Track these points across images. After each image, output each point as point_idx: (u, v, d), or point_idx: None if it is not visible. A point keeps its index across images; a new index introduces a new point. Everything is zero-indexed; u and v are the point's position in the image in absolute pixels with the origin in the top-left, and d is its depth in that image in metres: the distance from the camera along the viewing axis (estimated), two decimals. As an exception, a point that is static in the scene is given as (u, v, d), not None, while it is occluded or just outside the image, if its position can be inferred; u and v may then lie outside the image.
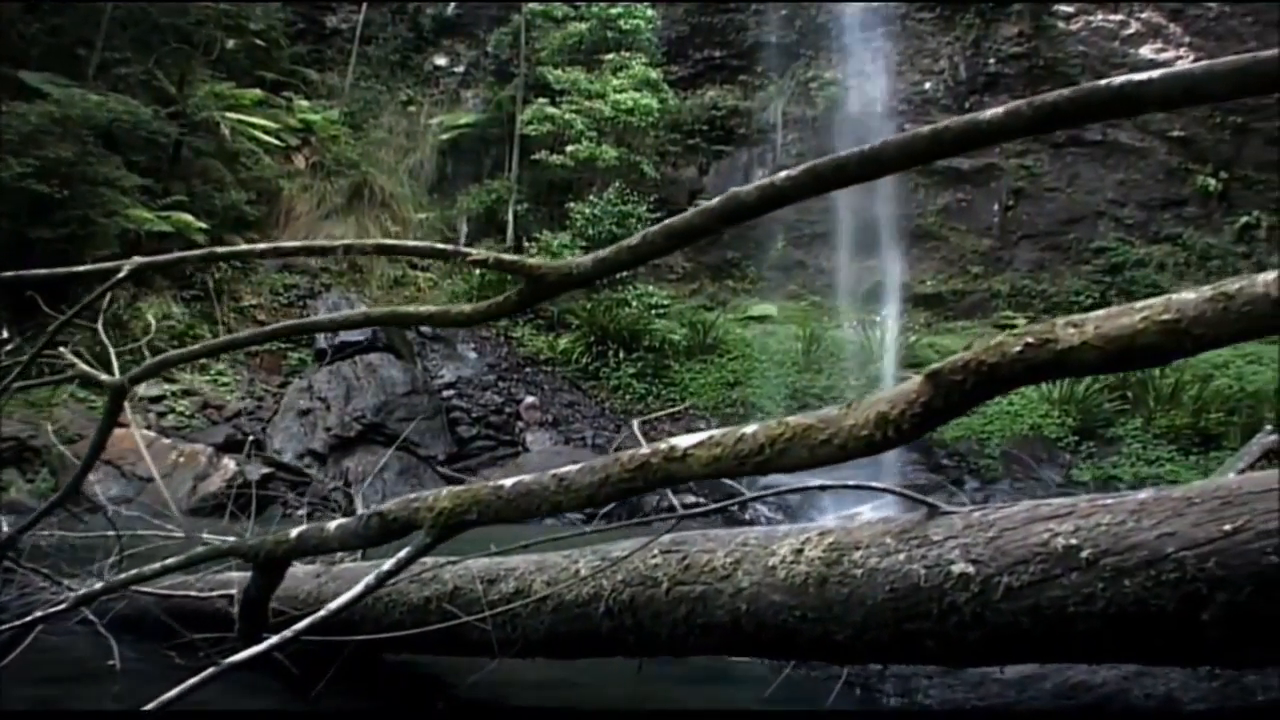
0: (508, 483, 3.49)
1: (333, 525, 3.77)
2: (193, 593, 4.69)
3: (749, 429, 3.09)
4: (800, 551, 3.32)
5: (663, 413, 18.96)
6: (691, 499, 18.72)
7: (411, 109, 27.04)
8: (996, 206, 25.77)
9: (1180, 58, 25.58)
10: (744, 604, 3.35)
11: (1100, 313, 2.60)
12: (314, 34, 27.72)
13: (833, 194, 3.38)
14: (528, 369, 21.59)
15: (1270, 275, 2.36)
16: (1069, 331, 2.58)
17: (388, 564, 3.42)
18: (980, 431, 20.23)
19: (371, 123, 26.30)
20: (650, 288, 22.67)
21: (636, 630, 3.63)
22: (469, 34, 27.93)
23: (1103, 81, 2.70)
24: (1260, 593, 2.50)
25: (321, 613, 3.25)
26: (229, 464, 17.15)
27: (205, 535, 5.77)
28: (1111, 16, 26.26)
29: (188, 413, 18.57)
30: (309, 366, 20.08)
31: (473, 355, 21.38)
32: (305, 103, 25.29)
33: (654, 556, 3.64)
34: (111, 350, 4.57)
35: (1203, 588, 2.56)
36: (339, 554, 4.69)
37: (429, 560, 4.20)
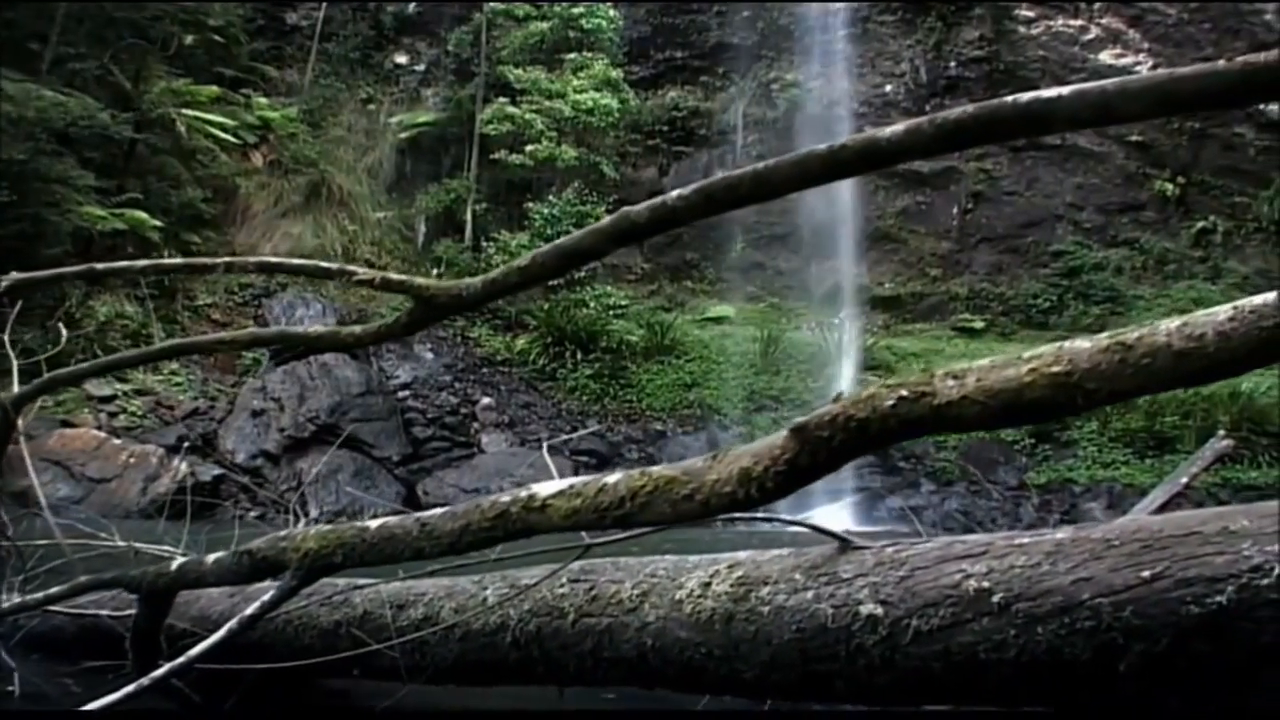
0: (373, 524, 3.39)
1: (210, 560, 3.68)
2: (105, 612, 4.58)
3: (612, 478, 2.95)
4: (708, 585, 3.23)
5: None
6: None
7: (371, 107, 26.89)
8: (955, 209, 25.86)
9: (1139, 63, 25.75)
10: (650, 639, 3.24)
11: (984, 362, 2.41)
12: (274, 30, 27.51)
13: (793, 195, 3.22)
14: (484, 369, 21.51)
15: (1173, 323, 2.24)
16: (948, 384, 2.40)
17: (250, 608, 3.36)
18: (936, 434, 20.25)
19: (330, 120, 26.13)
20: (608, 288, 22.65)
21: (544, 661, 3.52)
22: (430, 32, 27.79)
23: (1009, 98, 2.56)
24: (1179, 644, 2.40)
25: (205, 643, 3.19)
26: (180, 465, 17.00)
27: (139, 545, 5.63)
28: (1071, 22, 26.39)
29: (139, 412, 18.40)
30: (263, 366, 19.92)
31: (429, 355, 21.27)
32: (264, 100, 25.09)
33: (561, 586, 3.56)
34: (15, 364, 4.48)
35: (1119, 637, 2.46)
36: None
37: (341, 582, 4.14)
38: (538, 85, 23.55)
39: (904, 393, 2.44)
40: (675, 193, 2.93)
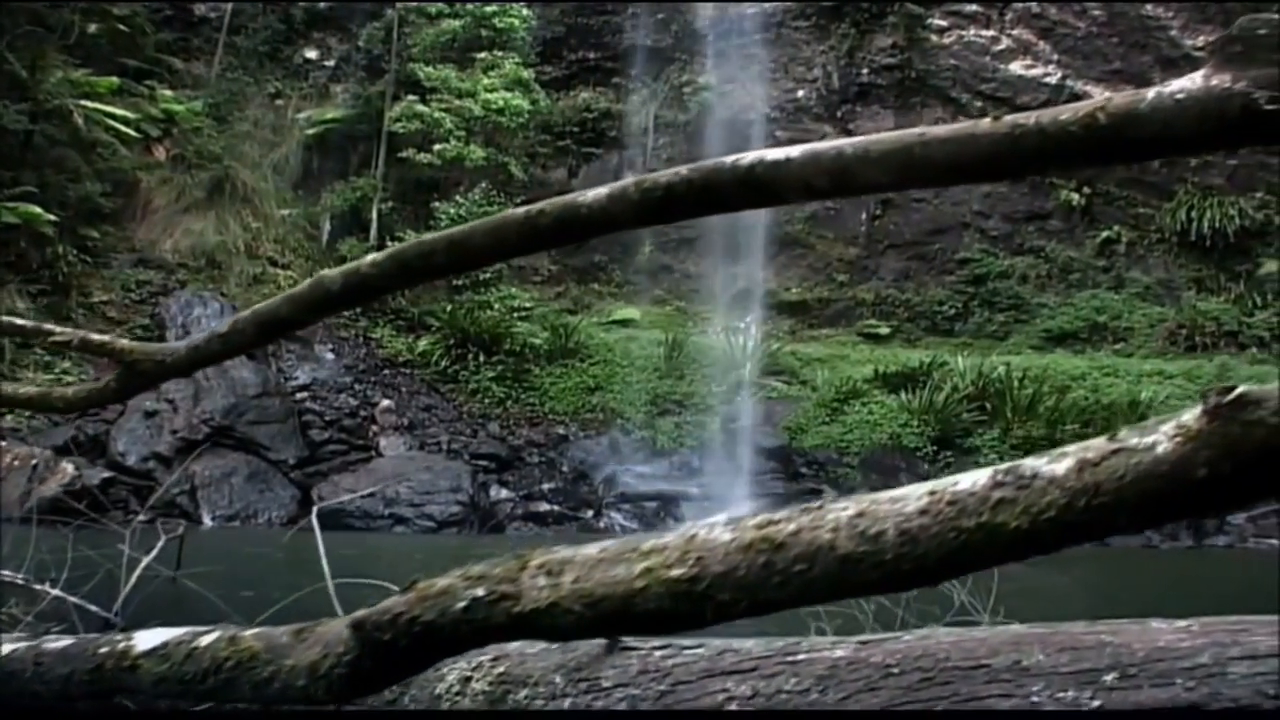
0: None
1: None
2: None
3: (206, 639, 2.53)
4: (468, 681, 3.05)
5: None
6: (546, 507, 18.71)
7: (279, 102, 26.50)
8: (864, 215, 26.02)
9: (1048, 74, 26.07)
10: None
11: (591, 551, 1.96)
12: (181, 21, 27.02)
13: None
14: (386, 371, 21.30)
15: (846, 511, 1.74)
16: (538, 585, 1.96)
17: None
18: (839, 441, 20.38)
19: (237, 115, 25.71)
20: (514, 290, 22.53)
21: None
22: (341, 27, 27.46)
23: (728, 159, 2.34)
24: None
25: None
26: (67, 468, 16.62)
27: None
28: (984, 32, 26.65)
29: (26, 412, 17.98)
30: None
31: (330, 356, 21.02)
32: (169, 92, 24.62)
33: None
34: None
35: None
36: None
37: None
38: (448, 84, 23.37)
39: (480, 592, 2.01)
40: (369, 258, 2.81)
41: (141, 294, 21.42)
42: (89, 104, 21.78)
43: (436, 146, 22.73)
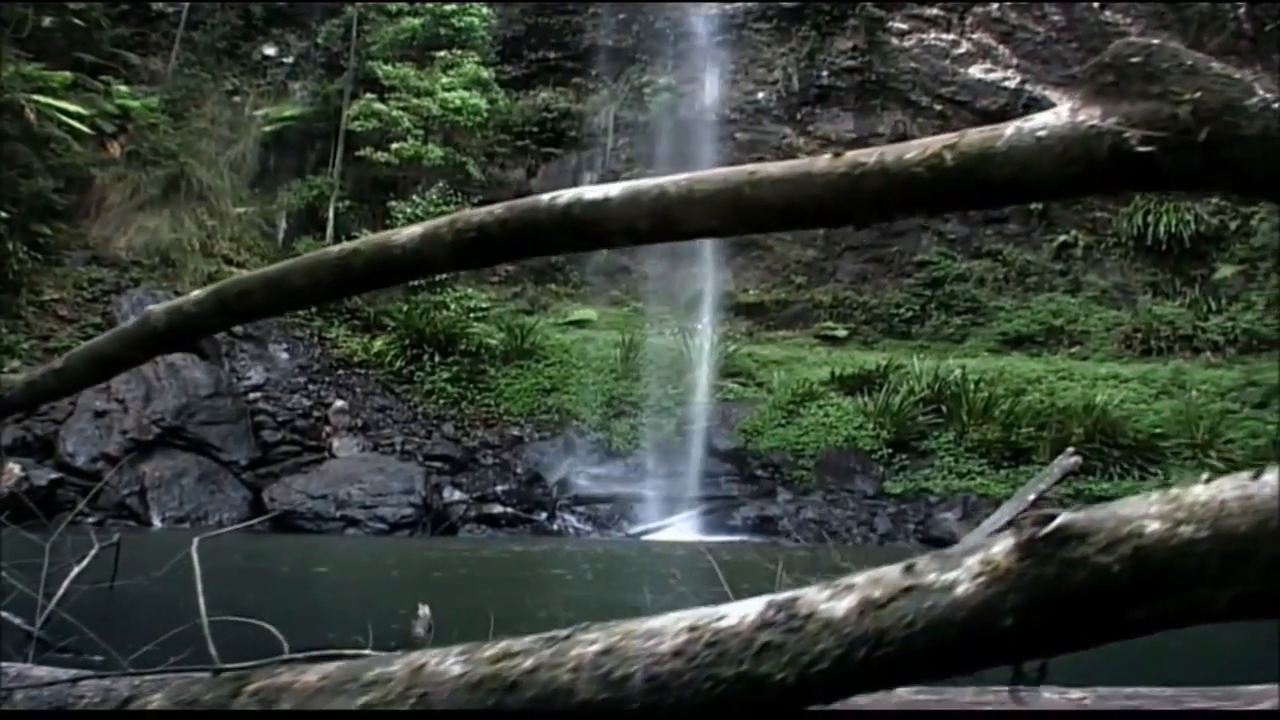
0: None
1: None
2: None
3: None
4: None
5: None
6: (499, 509, 18.63)
7: (237, 99, 26.30)
8: (823, 218, 26.00)
9: (1008, 79, 26.16)
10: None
11: (310, 680, 1.73)
12: (138, 16, 26.75)
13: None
14: (340, 371, 21.18)
15: (555, 652, 1.53)
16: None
17: None
18: (795, 443, 20.38)
19: (194, 111, 25.48)
20: (470, 290, 22.44)
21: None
22: (300, 24, 27.26)
23: (545, 197, 2.22)
24: None
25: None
26: (14, 468, 16.45)
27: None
28: (944, 35, 26.72)
29: (-28, 413, 17.75)
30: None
31: (284, 356, 20.87)
32: (124, 88, 24.35)
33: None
34: None
35: None
36: None
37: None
38: (406, 82, 23.29)
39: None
40: (193, 295, 2.76)
41: (94, 292, 21.20)
42: (42, 99, 21.52)
43: (394, 145, 22.66)
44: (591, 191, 2.15)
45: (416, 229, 2.34)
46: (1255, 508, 1.23)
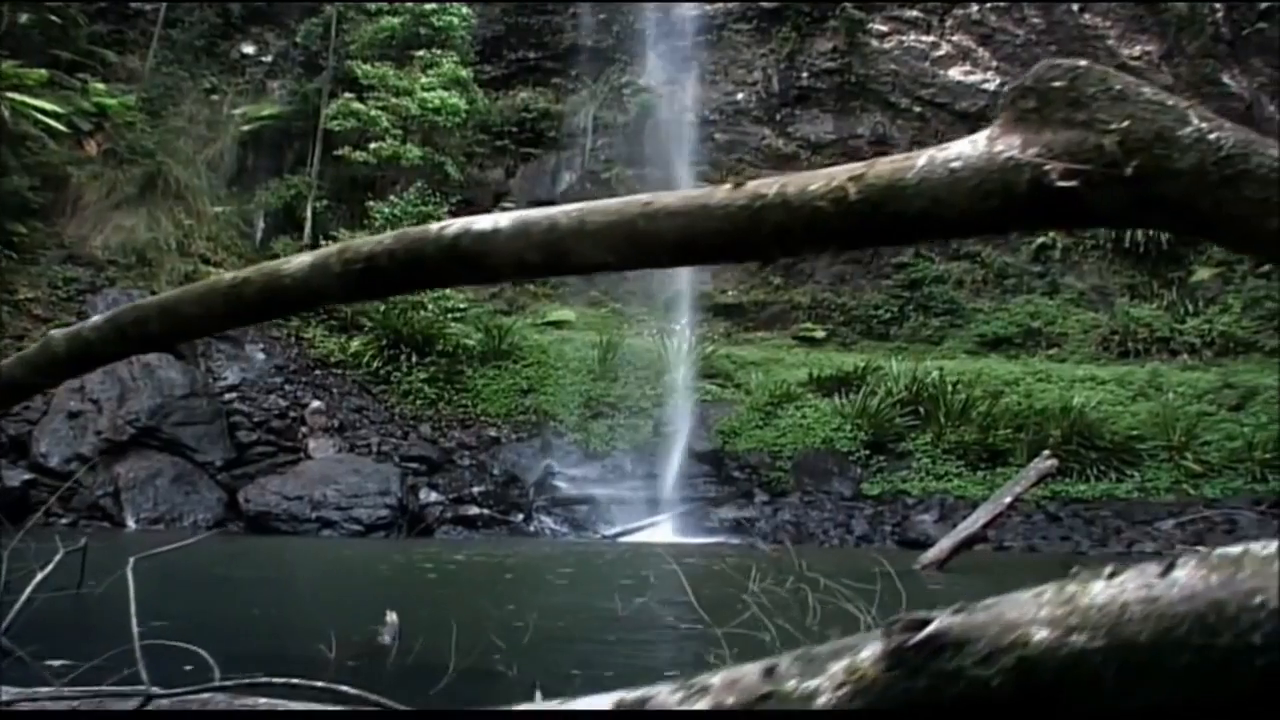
0: None
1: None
2: None
3: None
4: None
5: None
6: (475, 510, 18.58)
7: (214, 97, 26.19)
8: (802, 219, 26.00)
9: (987, 81, 26.21)
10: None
11: None
12: (116, 13, 26.64)
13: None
14: (317, 371, 21.09)
15: None
16: None
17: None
18: (772, 444, 20.36)
19: (171, 110, 25.38)
20: (448, 290, 22.35)
21: None
22: (279, 23, 27.18)
23: (434, 226, 2.15)
24: None
25: None
26: (-15, 469, 16.39)
27: None
28: (924, 37, 26.76)
29: (-56, 413, 17.68)
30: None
31: (260, 356, 20.77)
32: (101, 86, 24.21)
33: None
34: None
35: None
36: None
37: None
38: (385, 81, 23.22)
39: None
40: (91, 322, 2.71)
41: (69, 291, 21.08)
42: (17, 96, 21.39)
43: (373, 145, 22.59)
44: (480, 222, 2.07)
45: (306, 258, 2.28)
46: (1160, 612, 1.08)
